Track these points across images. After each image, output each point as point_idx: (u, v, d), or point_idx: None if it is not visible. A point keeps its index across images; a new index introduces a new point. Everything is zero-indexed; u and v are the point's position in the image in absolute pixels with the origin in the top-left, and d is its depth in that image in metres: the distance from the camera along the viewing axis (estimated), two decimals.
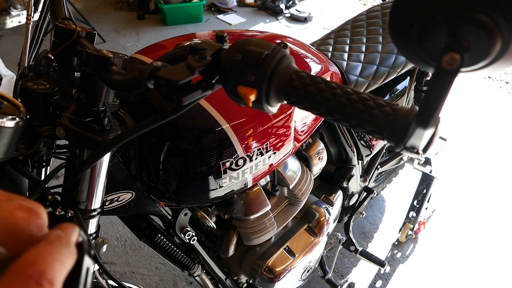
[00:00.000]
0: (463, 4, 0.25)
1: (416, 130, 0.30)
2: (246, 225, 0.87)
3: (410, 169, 1.76)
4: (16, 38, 3.19)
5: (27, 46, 0.82)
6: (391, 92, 1.27)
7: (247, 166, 0.73)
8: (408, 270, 1.66)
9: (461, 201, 2.00)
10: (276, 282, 0.94)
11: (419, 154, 0.32)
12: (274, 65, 0.35)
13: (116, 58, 0.46)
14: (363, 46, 1.16)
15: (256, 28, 3.71)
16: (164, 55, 0.43)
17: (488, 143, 2.40)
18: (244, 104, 0.37)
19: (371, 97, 0.34)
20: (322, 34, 1.29)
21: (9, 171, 0.58)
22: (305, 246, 1.00)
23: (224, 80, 0.38)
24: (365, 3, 4.46)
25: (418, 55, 0.31)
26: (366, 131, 0.34)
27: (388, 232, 1.82)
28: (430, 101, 0.28)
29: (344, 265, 1.65)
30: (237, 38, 0.43)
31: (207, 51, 0.37)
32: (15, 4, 3.58)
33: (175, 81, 0.35)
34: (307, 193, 0.98)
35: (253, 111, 0.71)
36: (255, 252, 0.96)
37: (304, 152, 1.02)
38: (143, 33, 3.43)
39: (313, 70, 0.88)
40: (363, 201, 1.43)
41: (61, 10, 0.61)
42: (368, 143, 1.26)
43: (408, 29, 0.28)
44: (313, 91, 0.35)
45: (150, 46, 0.81)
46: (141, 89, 0.42)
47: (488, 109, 2.74)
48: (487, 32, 0.25)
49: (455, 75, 0.26)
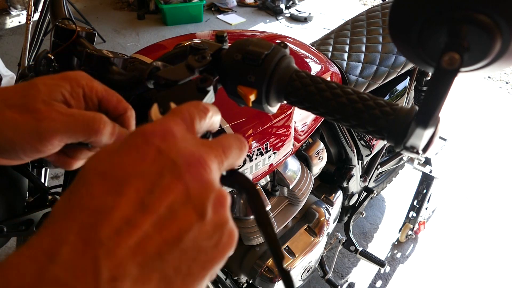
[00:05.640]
0: (463, 4, 0.25)
1: (416, 130, 0.30)
2: (246, 225, 0.87)
3: (410, 169, 1.76)
4: (16, 38, 3.19)
5: (27, 46, 0.82)
6: (391, 92, 1.27)
7: (247, 166, 0.73)
8: (408, 270, 1.66)
9: (461, 201, 2.00)
10: (276, 282, 0.94)
11: (419, 154, 0.32)
12: (274, 65, 0.35)
13: (116, 58, 0.46)
14: (363, 46, 1.16)
15: (256, 28, 3.71)
16: (164, 55, 0.43)
17: (488, 143, 2.40)
18: (244, 104, 0.37)
19: (371, 97, 0.34)
20: (322, 34, 1.29)
21: (9, 171, 0.58)
22: (305, 246, 1.00)
23: (224, 80, 0.38)
24: (365, 3, 4.46)
25: (418, 55, 0.31)
26: (366, 131, 0.34)
27: (388, 232, 1.82)
28: (430, 101, 0.28)
29: (344, 265, 1.65)
30: (237, 38, 0.43)
31: (207, 51, 0.37)
32: (15, 4, 3.58)
33: (175, 81, 0.35)
34: (307, 193, 0.98)
35: (253, 111, 0.71)
36: (255, 252, 0.96)
37: (304, 152, 1.02)
38: (143, 33, 3.43)
39: (313, 70, 0.88)
40: (363, 201, 1.43)
41: (61, 10, 0.61)
42: (368, 143, 1.26)
43: (408, 29, 0.28)
44: (313, 91, 0.35)
45: (150, 46, 0.81)
46: (141, 89, 0.42)
47: (488, 109, 2.74)
48: (487, 32, 0.25)
49: (455, 75, 0.26)
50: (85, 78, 0.33)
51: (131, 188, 0.19)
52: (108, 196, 0.19)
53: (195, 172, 0.21)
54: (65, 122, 0.30)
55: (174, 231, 0.20)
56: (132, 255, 0.18)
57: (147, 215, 0.19)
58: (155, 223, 0.19)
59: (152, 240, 0.19)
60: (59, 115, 0.30)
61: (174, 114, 0.24)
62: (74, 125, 0.30)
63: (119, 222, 0.18)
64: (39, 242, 0.18)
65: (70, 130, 0.30)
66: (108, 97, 0.35)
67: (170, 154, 0.21)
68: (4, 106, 0.29)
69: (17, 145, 0.29)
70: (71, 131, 0.30)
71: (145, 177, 0.20)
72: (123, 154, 0.21)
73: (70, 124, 0.30)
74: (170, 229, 0.20)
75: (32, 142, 0.29)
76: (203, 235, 0.21)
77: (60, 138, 0.30)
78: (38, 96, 0.30)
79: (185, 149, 0.22)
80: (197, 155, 0.22)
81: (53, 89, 0.31)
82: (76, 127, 0.31)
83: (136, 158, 0.21)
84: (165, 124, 0.23)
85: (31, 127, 0.29)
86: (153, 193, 0.20)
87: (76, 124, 0.31)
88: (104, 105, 0.35)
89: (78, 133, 0.31)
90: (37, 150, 0.30)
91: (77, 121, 0.31)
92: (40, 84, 0.31)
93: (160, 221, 0.19)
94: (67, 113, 0.31)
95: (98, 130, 0.31)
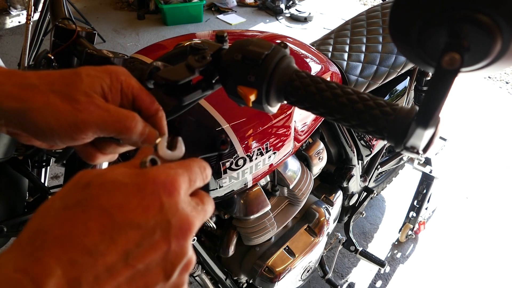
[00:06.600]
0: (463, 4, 0.25)
1: (416, 130, 0.30)
2: (246, 225, 0.87)
3: (410, 169, 1.76)
4: (16, 38, 3.19)
5: (27, 46, 0.82)
6: (391, 92, 1.27)
7: (247, 166, 0.73)
8: (408, 270, 1.66)
9: (461, 201, 2.00)
10: (276, 282, 0.94)
11: (419, 154, 0.32)
12: (274, 65, 0.35)
13: (116, 58, 0.46)
14: (363, 46, 1.16)
15: (256, 28, 3.71)
16: (164, 55, 0.43)
17: (488, 143, 2.40)
18: (244, 104, 0.37)
19: (371, 97, 0.34)
20: (322, 34, 1.29)
21: (9, 171, 0.58)
22: (305, 246, 1.00)
23: (224, 80, 0.38)
24: (365, 3, 4.46)
25: (418, 55, 0.31)
26: (366, 131, 0.34)
27: (388, 232, 1.82)
28: (430, 101, 0.28)
29: (344, 265, 1.65)
30: (237, 38, 0.43)
31: (207, 51, 0.37)
32: (15, 4, 3.57)
33: (175, 81, 0.35)
34: (307, 193, 0.98)
35: (253, 111, 0.71)
36: (255, 252, 0.96)
37: (304, 152, 1.02)
38: (143, 33, 3.43)
39: (313, 70, 0.88)
40: (363, 201, 1.43)
41: (61, 10, 0.61)
42: (368, 143, 1.26)
43: (408, 29, 0.28)
44: (313, 91, 0.35)
45: (150, 46, 0.81)
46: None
47: (488, 109, 2.74)
48: (487, 32, 0.25)
49: (455, 75, 0.26)
50: (125, 74, 0.35)
51: (123, 237, 0.20)
52: (102, 239, 0.20)
53: (181, 237, 0.23)
54: (101, 116, 0.31)
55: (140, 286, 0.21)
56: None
57: (127, 268, 0.20)
58: (129, 277, 0.20)
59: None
60: (96, 109, 0.31)
61: (184, 168, 0.26)
62: (109, 121, 0.32)
63: (102, 269, 0.19)
64: (28, 266, 0.18)
65: (105, 125, 0.32)
66: (143, 96, 0.36)
67: (168, 214, 0.22)
68: (49, 90, 0.31)
69: (55, 130, 0.31)
70: (105, 125, 0.32)
71: (139, 230, 0.21)
72: (129, 195, 0.22)
73: (106, 119, 0.32)
74: (138, 284, 0.21)
75: (69, 131, 0.31)
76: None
77: (94, 131, 0.32)
78: (80, 86, 0.31)
79: (182, 211, 0.23)
80: (190, 221, 0.23)
81: (95, 81, 0.32)
82: (110, 123, 0.32)
83: (139, 206, 0.22)
84: (175, 179, 0.24)
85: (70, 116, 0.30)
86: (140, 248, 0.21)
87: (111, 119, 0.32)
88: (138, 103, 0.36)
89: (111, 128, 0.32)
90: (72, 138, 0.31)
91: (112, 117, 0.32)
92: (84, 74, 0.32)
93: (134, 276, 0.21)
94: (104, 107, 0.32)
95: (130, 128, 0.33)
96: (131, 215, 0.21)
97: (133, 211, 0.21)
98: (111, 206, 0.21)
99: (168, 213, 0.22)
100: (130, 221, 0.21)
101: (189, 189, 0.25)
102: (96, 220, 0.20)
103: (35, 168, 0.66)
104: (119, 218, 0.21)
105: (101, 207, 0.21)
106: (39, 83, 0.31)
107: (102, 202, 0.21)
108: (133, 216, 0.21)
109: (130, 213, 0.21)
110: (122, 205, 0.21)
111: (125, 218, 0.21)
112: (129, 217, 0.21)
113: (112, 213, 0.21)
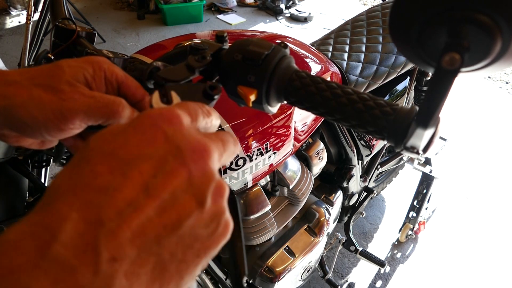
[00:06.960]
0: (463, 4, 0.25)
1: (416, 130, 0.30)
2: (246, 225, 0.87)
3: (410, 169, 1.76)
4: (16, 38, 3.19)
5: (27, 46, 0.82)
6: (391, 92, 1.27)
7: (247, 166, 0.73)
8: (408, 270, 1.66)
9: (461, 201, 2.00)
10: (276, 282, 0.94)
11: (419, 154, 0.32)
12: (274, 65, 0.35)
13: (116, 58, 0.46)
14: (363, 46, 1.16)
15: (256, 28, 3.71)
16: (164, 55, 0.43)
17: (488, 143, 2.40)
18: (244, 104, 0.37)
19: (371, 97, 0.34)
20: (322, 34, 1.29)
21: (9, 171, 0.58)
22: (305, 246, 1.00)
23: (224, 80, 0.38)
24: (365, 3, 4.46)
25: (418, 55, 0.30)
26: (366, 131, 0.34)
27: (388, 232, 1.82)
28: (430, 101, 0.28)
29: (344, 265, 1.65)
30: (237, 38, 0.43)
31: (207, 51, 0.37)
32: (15, 4, 3.58)
33: (175, 81, 0.35)
34: (307, 193, 0.98)
35: (253, 111, 0.71)
36: (255, 252, 0.96)
37: (304, 152, 1.02)
38: (143, 33, 3.43)
39: (313, 70, 0.88)
40: (363, 201, 1.43)
41: (61, 10, 0.61)
42: (368, 143, 1.26)
43: (408, 29, 0.28)
44: (313, 91, 0.35)
45: (150, 46, 0.81)
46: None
47: (488, 109, 2.74)
48: (487, 32, 0.25)
49: (455, 75, 0.26)
50: (107, 63, 0.35)
51: (136, 171, 0.20)
52: (113, 177, 0.19)
53: (198, 160, 0.21)
54: (87, 103, 0.31)
55: (174, 217, 0.20)
56: (132, 238, 0.18)
57: (150, 199, 0.19)
58: (157, 208, 0.19)
59: (153, 224, 0.19)
60: (81, 96, 0.31)
61: (180, 106, 0.25)
62: (95, 107, 0.32)
63: (122, 204, 0.18)
64: (41, 219, 0.18)
65: (91, 111, 0.32)
66: (128, 83, 0.36)
67: (175, 139, 0.21)
68: (31, 84, 0.31)
69: (41, 122, 0.31)
70: (91, 112, 0.32)
71: (150, 161, 0.20)
72: (129, 135, 0.21)
73: (91, 105, 0.32)
74: (170, 215, 0.20)
75: (55, 121, 0.31)
76: (201, 223, 0.21)
77: (81, 118, 0.32)
78: (63, 77, 0.31)
79: (190, 136, 0.22)
80: (202, 143, 0.22)
81: (77, 71, 0.32)
82: (96, 109, 0.32)
83: (142, 140, 0.21)
84: (172, 110, 0.23)
85: (55, 106, 0.30)
86: (157, 178, 0.20)
87: (97, 105, 0.32)
88: (123, 90, 0.36)
89: (98, 114, 0.32)
90: (59, 128, 0.31)
91: (98, 102, 0.32)
92: (65, 65, 0.32)
93: (161, 207, 0.20)
94: (89, 94, 0.32)
95: (117, 112, 0.33)
96: (137, 150, 0.20)
97: (137, 146, 0.20)
98: (114, 148, 0.20)
99: (175, 139, 0.21)
100: (138, 155, 0.20)
101: (192, 122, 0.24)
102: (102, 163, 0.20)
103: (35, 168, 0.66)
104: (126, 155, 0.20)
105: (104, 152, 0.20)
106: (21, 79, 0.31)
107: (105, 149, 0.20)
108: (140, 150, 0.20)
109: (135, 148, 0.20)
110: (125, 144, 0.20)
111: (132, 154, 0.20)
112: (135, 152, 0.20)
113: (117, 153, 0.20)
